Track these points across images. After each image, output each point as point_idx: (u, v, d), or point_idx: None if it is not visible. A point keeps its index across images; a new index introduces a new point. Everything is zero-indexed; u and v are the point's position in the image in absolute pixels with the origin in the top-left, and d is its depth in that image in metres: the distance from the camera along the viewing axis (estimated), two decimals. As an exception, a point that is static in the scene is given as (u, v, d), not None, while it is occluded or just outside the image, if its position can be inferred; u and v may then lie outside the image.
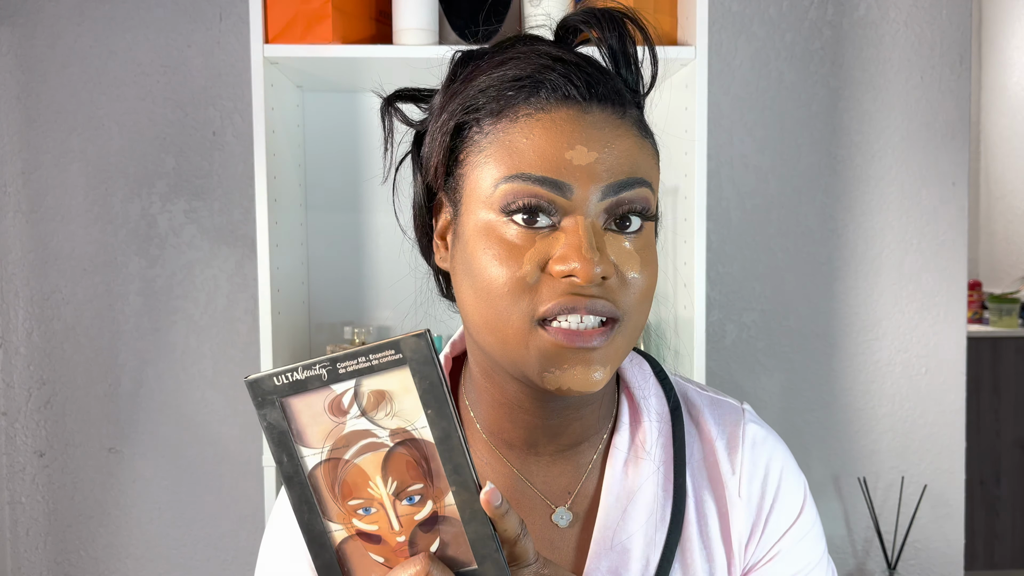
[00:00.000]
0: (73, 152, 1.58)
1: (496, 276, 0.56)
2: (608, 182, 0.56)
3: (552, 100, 0.58)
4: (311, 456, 0.50)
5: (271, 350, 1.28)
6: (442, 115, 0.62)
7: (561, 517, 0.65)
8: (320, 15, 1.26)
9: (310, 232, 1.58)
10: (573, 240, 0.55)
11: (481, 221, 0.58)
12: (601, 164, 0.56)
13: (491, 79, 0.59)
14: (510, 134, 0.57)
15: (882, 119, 1.66)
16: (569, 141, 0.56)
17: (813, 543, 0.68)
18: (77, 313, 1.60)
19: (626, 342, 0.58)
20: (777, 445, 0.69)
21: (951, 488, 1.71)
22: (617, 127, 0.58)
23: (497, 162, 0.57)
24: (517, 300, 0.56)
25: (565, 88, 0.58)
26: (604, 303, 0.56)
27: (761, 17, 1.64)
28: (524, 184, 0.56)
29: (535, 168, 0.56)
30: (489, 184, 0.57)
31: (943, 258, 1.68)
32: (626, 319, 0.57)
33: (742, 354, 1.67)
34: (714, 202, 1.63)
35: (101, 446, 1.61)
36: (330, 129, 1.57)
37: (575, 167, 0.56)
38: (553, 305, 0.55)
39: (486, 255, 0.57)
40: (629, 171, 0.57)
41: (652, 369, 0.71)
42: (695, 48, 1.28)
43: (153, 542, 1.62)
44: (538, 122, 0.57)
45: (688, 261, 1.31)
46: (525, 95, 0.58)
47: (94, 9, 1.57)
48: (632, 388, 0.69)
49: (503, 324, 0.56)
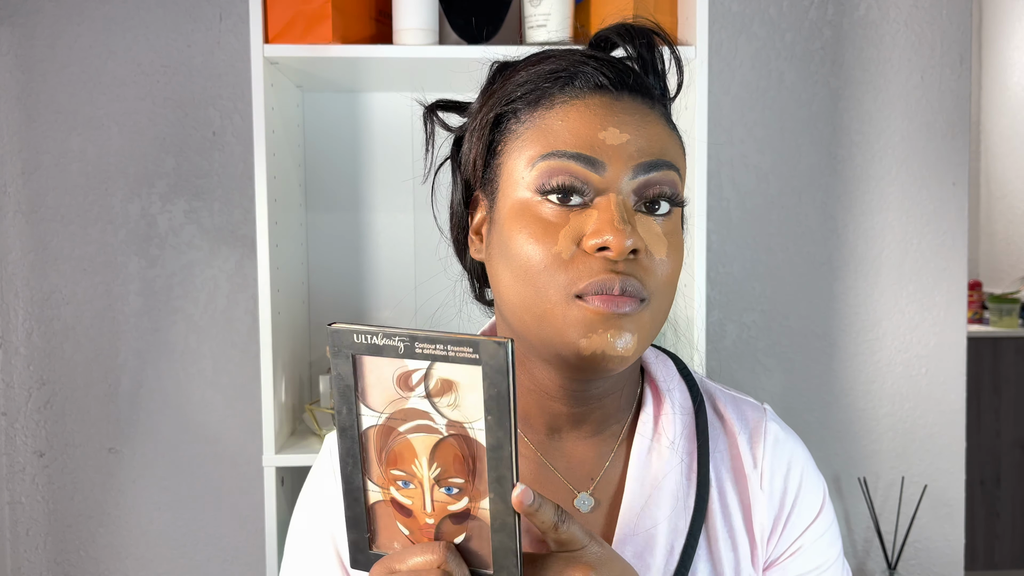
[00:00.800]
0: (73, 152, 1.58)
1: (533, 253, 0.59)
2: (639, 161, 0.60)
3: (586, 88, 0.62)
4: (368, 416, 0.52)
5: (271, 350, 1.28)
6: (480, 112, 0.66)
7: (583, 502, 0.67)
8: (320, 15, 1.26)
9: (310, 232, 1.58)
10: (606, 215, 0.58)
11: (517, 202, 0.61)
12: (632, 145, 0.60)
13: (529, 74, 0.64)
14: (547, 119, 0.61)
15: (882, 119, 1.66)
16: (602, 123, 0.60)
17: (831, 541, 0.70)
18: (77, 313, 1.60)
19: (652, 321, 0.61)
20: (797, 445, 0.71)
21: (951, 488, 1.71)
22: (647, 115, 0.62)
23: (533, 144, 0.61)
24: (554, 276, 0.58)
25: (597, 78, 0.62)
26: (634, 282, 0.58)
27: (761, 17, 1.64)
28: (559, 161, 0.59)
29: (570, 145, 0.59)
30: (525, 164, 0.61)
31: (943, 258, 1.68)
32: (652, 300, 0.60)
33: (742, 354, 1.67)
34: (714, 202, 1.63)
35: (101, 446, 1.61)
36: (330, 129, 1.57)
37: (608, 146, 0.59)
38: (590, 283, 0.58)
39: (522, 234, 0.60)
40: (659, 153, 0.61)
41: (676, 366, 0.73)
42: (695, 48, 1.28)
43: (153, 542, 1.62)
44: (573, 107, 0.61)
45: (688, 261, 1.32)
46: (561, 85, 0.62)
47: (94, 9, 1.57)
48: (656, 380, 0.71)
49: (541, 299, 0.59)
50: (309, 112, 1.56)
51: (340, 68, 1.35)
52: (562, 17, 1.29)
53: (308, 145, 1.57)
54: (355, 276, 1.60)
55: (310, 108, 1.56)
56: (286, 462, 1.29)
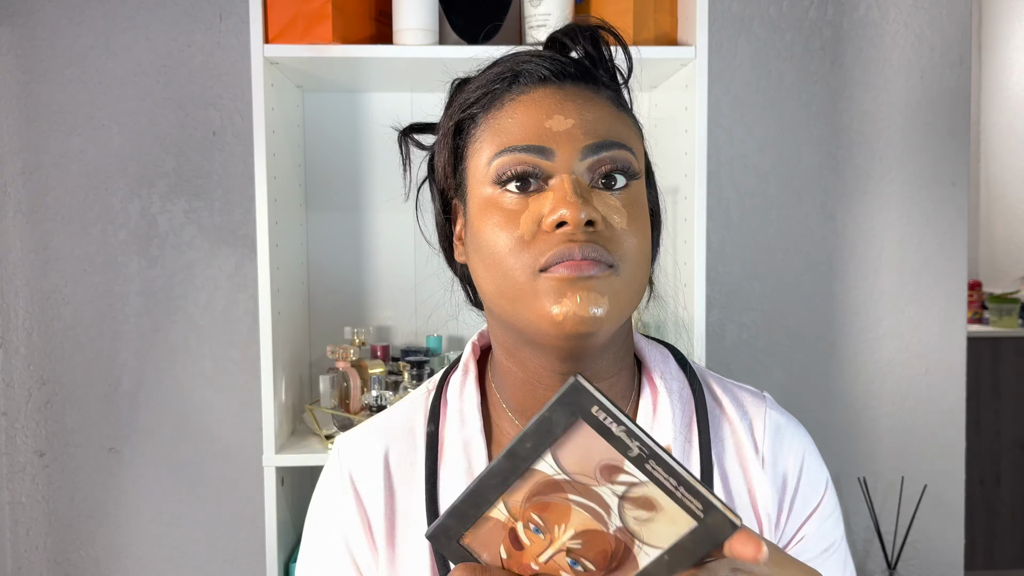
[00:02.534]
0: (73, 152, 1.58)
1: (498, 240, 0.62)
2: (586, 143, 0.63)
3: (531, 83, 0.66)
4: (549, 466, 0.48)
5: (271, 350, 1.28)
6: (445, 125, 0.70)
7: None
8: (320, 15, 1.26)
9: (310, 232, 1.58)
10: (559, 193, 0.61)
11: (482, 198, 0.65)
12: (578, 128, 0.63)
13: (480, 80, 0.68)
14: (499, 119, 0.65)
15: (882, 119, 1.66)
16: (547, 112, 0.64)
17: (834, 524, 0.72)
18: (77, 313, 1.60)
19: (626, 289, 0.62)
20: (798, 429, 0.73)
21: (951, 488, 1.70)
22: (591, 99, 0.65)
23: (490, 143, 0.65)
24: (519, 256, 0.61)
25: (540, 72, 0.66)
26: (594, 247, 0.60)
27: (761, 17, 1.64)
28: (512, 155, 0.63)
29: (519, 139, 0.63)
30: (484, 163, 0.65)
31: (943, 258, 1.68)
32: (620, 267, 0.61)
33: (742, 354, 1.67)
34: (714, 202, 1.63)
35: (101, 446, 1.61)
36: (330, 129, 1.57)
37: (555, 133, 0.63)
38: (551, 255, 0.60)
39: (488, 224, 0.63)
40: (606, 134, 0.64)
41: (674, 356, 0.75)
42: (695, 48, 1.28)
43: (153, 542, 1.62)
44: (520, 103, 0.65)
45: (688, 261, 1.31)
46: (507, 84, 0.66)
47: (94, 9, 1.57)
48: (651, 369, 0.72)
49: (511, 282, 0.62)
50: (309, 112, 1.56)
51: (340, 68, 1.35)
52: (562, 17, 1.29)
53: (308, 145, 1.57)
54: (355, 276, 1.60)
55: (310, 108, 1.56)
56: (286, 462, 1.29)
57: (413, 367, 1.44)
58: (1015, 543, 3.09)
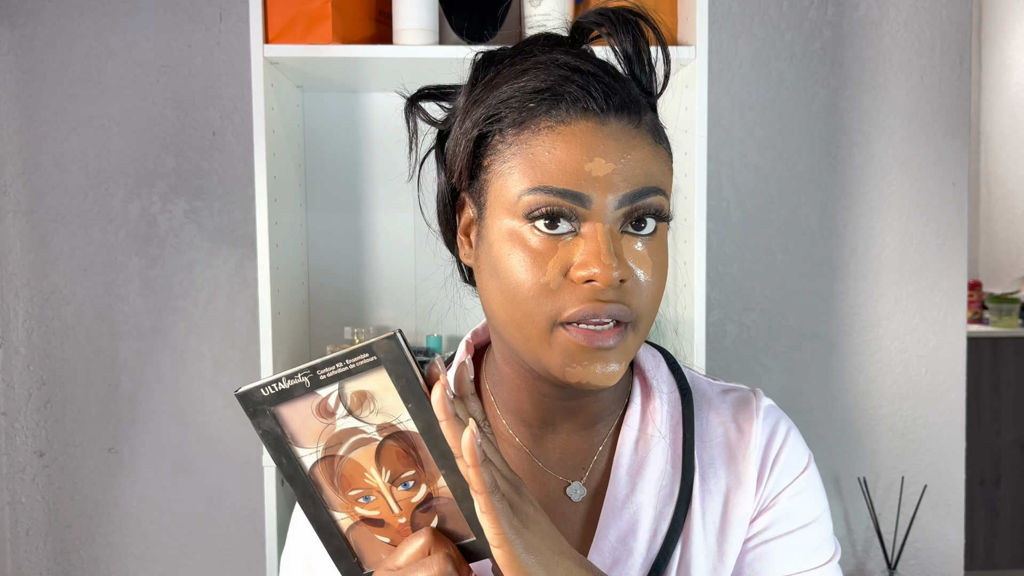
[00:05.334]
0: (73, 152, 1.58)
1: (522, 281, 0.60)
2: (625, 192, 0.60)
3: (572, 112, 0.60)
4: (308, 456, 0.54)
5: (271, 350, 1.28)
6: (465, 121, 0.64)
7: (575, 491, 0.69)
8: (320, 15, 1.26)
9: (310, 232, 1.58)
10: (592, 247, 0.59)
11: (506, 227, 0.61)
12: (618, 175, 0.60)
13: (512, 89, 0.62)
14: (532, 146, 0.60)
15: (882, 119, 1.66)
16: (588, 153, 0.59)
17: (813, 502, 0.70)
18: (77, 313, 1.60)
19: (638, 339, 0.63)
20: (784, 417, 0.73)
21: (951, 488, 1.70)
22: (633, 136, 0.61)
23: (521, 173, 0.60)
24: (541, 304, 0.59)
25: (584, 101, 0.60)
26: (621, 307, 0.59)
27: (761, 17, 1.64)
28: (546, 196, 0.59)
29: (556, 181, 0.59)
30: (513, 194, 0.60)
31: (943, 258, 1.68)
32: (638, 321, 0.61)
33: (742, 354, 1.67)
34: (714, 202, 1.63)
35: (101, 446, 1.61)
36: (330, 129, 1.57)
37: (594, 178, 0.59)
38: (576, 311, 0.59)
39: (511, 260, 0.60)
40: (645, 180, 0.61)
41: (666, 360, 0.75)
42: (695, 48, 1.28)
43: (153, 542, 1.62)
44: (559, 135, 0.60)
45: (688, 261, 1.31)
46: (546, 107, 0.61)
47: (94, 9, 1.57)
48: (645, 373, 0.73)
49: (528, 323, 0.60)
50: (309, 112, 1.56)
51: (340, 68, 1.35)
52: (562, 17, 1.29)
53: (308, 145, 1.57)
54: (355, 276, 1.60)
55: (310, 108, 1.56)
56: (286, 462, 1.29)
57: (413, 367, 1.44)
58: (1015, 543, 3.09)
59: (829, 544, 0.70)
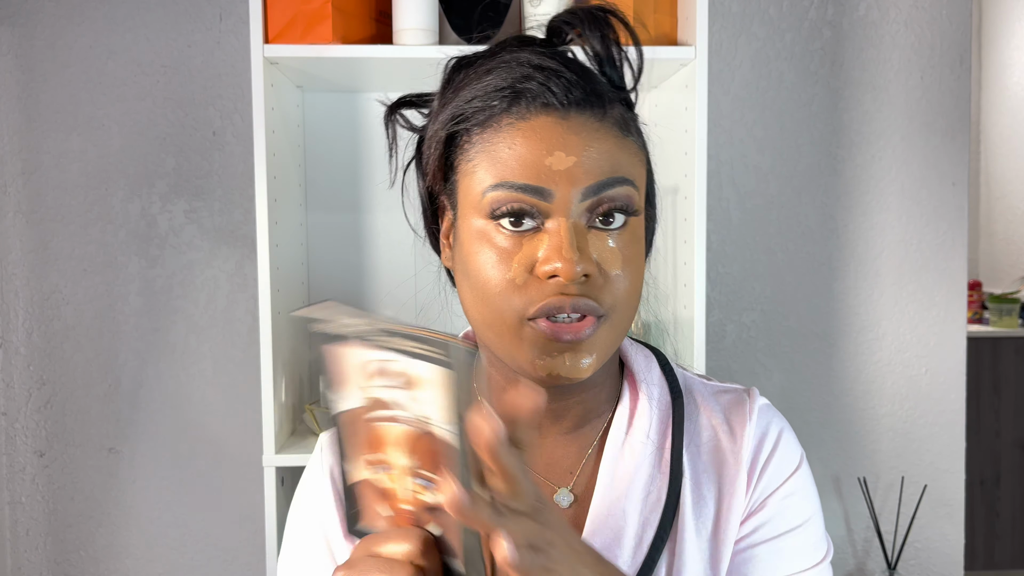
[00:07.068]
0: (73, 152, 1.58)
1: (490, 279, 0.60)
2: (587, 184, 0.60)
3: (532, 108, 0.61)
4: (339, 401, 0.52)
5: (271, 350, 1.28)
6: (435, 124, 0.65)
7: (562, 498, 0.68)
8: (320, 15, 1.26)
9: (310, 232, 1.58)
10: (555, 241, 0.59)
11: (474, 227, 0.62)
12: (580, 167, 0.59)
13: (476, 90, 0.63)
14: (494, 144, 0.61)
15: (882, 119, 1.66)
16: (548, 147, 0.59)
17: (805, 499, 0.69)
18: (77, 313, 1.60)
19: (613, 334, 0.62)
20: (777, 415, 0.71)
21: (951, 488, 1.70)
22: (596, 130, 0.61)
23: (484, 171, 0.61)
24: (509, 300, 0.60)
25: (544, 96, 0.61)
26: (587, 301, 0.59)
27: (761, 17, 1.64)
28: (508, 192, 0.60)
29: (517, 176, 0.59)
30: (478, 192, 0.61)
31: (943, 258, 1.68)
32: (611, 314, 0.61)
33: (742, 354, 1.67)
34: (714, 202, 1.63)
35: (101, 446, 1.61)
36: (330, 129, 1.57)
37: (555, 172, 0.59)
38: (541, 306, 0.59)
39: (479, 259, 0.61)
40: (609, 171, 0.60)
41: (658, 361, 0.74)
42: (695, 48, 1.28)
43: (153, 542, 1.62)
44: (519, 131, 0.60)
45: (688, 261, 1.31)
46: (507, 104, 0.61)
47: (94, 9, 1.57)
48: (636, 375, 0.71)
49: (498, 321, 0.61)
50: (309, 112, 1.56)
51: (340, 68, 1.35)
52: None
53: (308, 145, 1.57)
54: (355, 276, 1.60)
55: (310, 108, 1.56)
56: (286, 462, 1.29)
57: (413, 367, 1.44)
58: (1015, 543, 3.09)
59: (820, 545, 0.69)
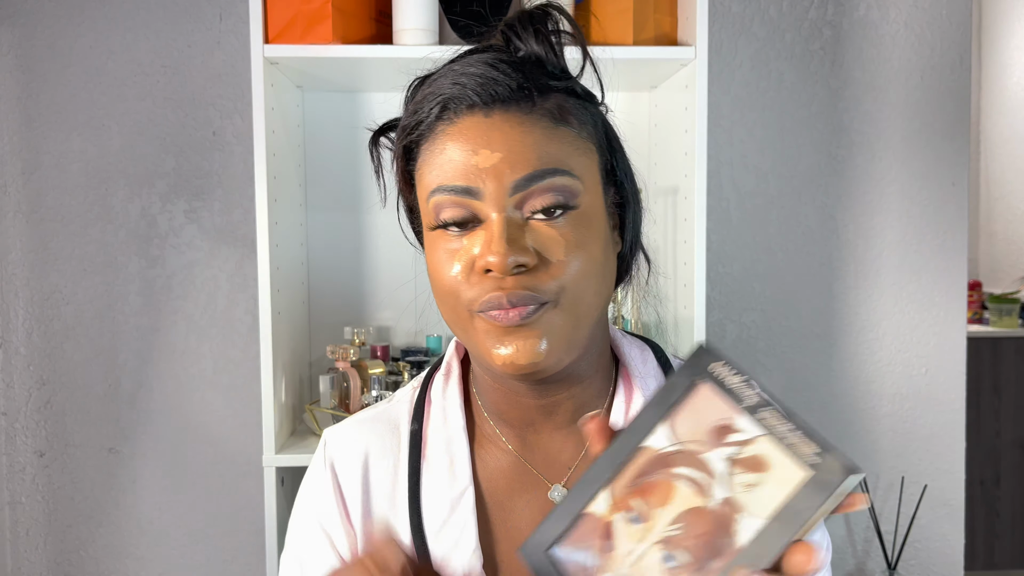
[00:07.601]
0: (73, 152, 1.58)
1: (441, 277, 0.63)
2: (515, 178, 0.60)
3: (459, 112, 0.63)
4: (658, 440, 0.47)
5: (271, 350, 1.28)
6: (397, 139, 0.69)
7: (557, 494, 0.69)
8: (320, 15, 1.26)
9: (310, 232, 1.58)
10: (487, 236, 0.60)
11: (428, 233, 0.65)
12: (505, 163, 0.61)
13: (417, 102, 0.66)
14: (432, 151, 0.64)
15: (882, 119, 1.66)
16: (474, 147, 0.61)
17: None
18: (77, 313, 1.60)
19: (569, 318, 0.62)
20: None
21: (951, 488, 1.70)
22: (522, 123, 0.62)
23: (427, 178, 0.64)
24: (458, 297, 0.62)
25: (468, 98, 0.62)
26: (523, 293, 0.60)
27: (761, 17, 1.64)
28: (443, 195, 0.62)
29: (450, 179, 0.61)
30: (424, 199, 0.64)
31: (943, 258, 1.68)
32: (560, 299, 0.61)
33: (742, 354, 1.67)
34: (714, 202, 1.63)
35: (101, 446, 1.61)
36: (330, 129, 1.57)
37: (481, 170, 0.61)
38: (482, 302, 0.61)
39: (433, 260, 0.64)
40: (537, 163, 0.61)
41: (655, 355, 0.74)
42: (695, 48, 1.28)
43: (153, 542, 1.62)
44: (449, 136, 0.62)
45: (688, 261, 1.31)
46: (438, 111, 0.64)
47: (94, 9, 1.57)
48: (630, 368, 0.72)
49: (455, 318, 0.64)
50: (309, 112, 1.56)
51: (340, 68, 1.35)
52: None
53: (308, 145, 1.57)
54: (355, 276, 1.60)
55: (310, 108, 1.56)
56: (286, 462, 1.29)
57: (413, 367, 1.44)
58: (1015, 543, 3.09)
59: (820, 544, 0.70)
